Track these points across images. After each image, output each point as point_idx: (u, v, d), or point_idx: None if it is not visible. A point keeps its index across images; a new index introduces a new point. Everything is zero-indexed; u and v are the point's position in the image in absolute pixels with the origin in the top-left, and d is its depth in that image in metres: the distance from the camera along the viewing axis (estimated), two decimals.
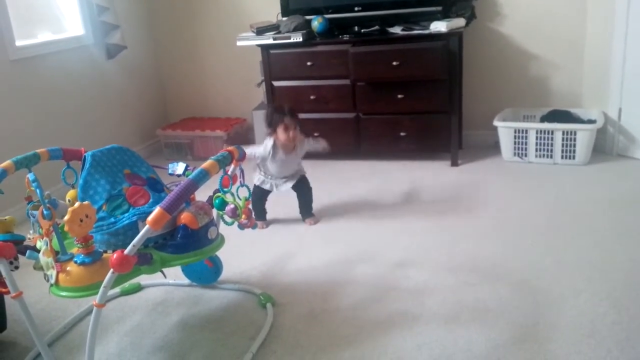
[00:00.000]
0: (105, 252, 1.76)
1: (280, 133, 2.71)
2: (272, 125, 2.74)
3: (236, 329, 2.04)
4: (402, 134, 3.58)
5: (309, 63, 3.60)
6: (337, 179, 3.51)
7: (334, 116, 3.71)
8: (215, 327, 2.07)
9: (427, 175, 3.45)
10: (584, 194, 2.98)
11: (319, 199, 3.06)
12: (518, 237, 2.57)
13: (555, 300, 2.05)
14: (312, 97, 3.68)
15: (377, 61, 3.45)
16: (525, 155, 3.45)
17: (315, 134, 3.71)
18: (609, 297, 2.04)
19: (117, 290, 2.29)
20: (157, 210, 1.57)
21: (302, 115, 3.72)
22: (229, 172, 1.90)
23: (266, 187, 2.87)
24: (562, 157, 3.36)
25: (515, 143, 3.46)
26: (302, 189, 2.91)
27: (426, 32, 3.36)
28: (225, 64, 4.30)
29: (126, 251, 1.58)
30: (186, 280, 2.35)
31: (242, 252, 2.57)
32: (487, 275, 2.28)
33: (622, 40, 3.28)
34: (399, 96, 3.51)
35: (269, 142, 2.76)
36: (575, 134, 3.29)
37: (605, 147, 3.48)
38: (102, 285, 1.59)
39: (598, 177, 3.20)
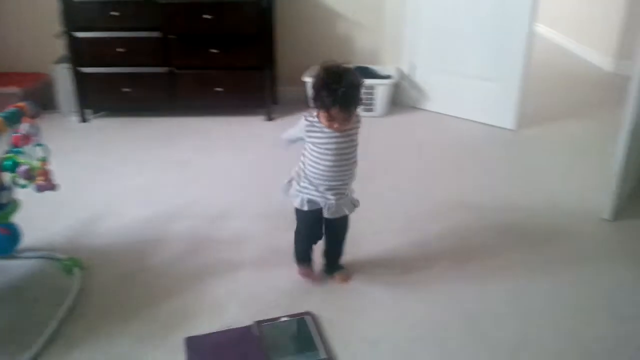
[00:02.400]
0: None
1: (323, 118, 1.76)
2: (315, 104, 1.75)
3: (40, 298, 1.93)
4: (217, 89, 3.58)
5: (115, 13, 3.39)
6: (152, 136, 3.42)
7: (146, 70, 3.56)
8: (16, 298, 1.94)
9: (243, 130, 3.52)
10: (383, 142, 3.30)
11: (132, 156, 2.96)
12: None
13: (357, 237, 2.28)
14: (120, 50, 3.48)
15: (188, 14, 3.38)
16: None
17: (125, 89, 3.56)
18: (395, 227, 2.33)
19: None
20: None
21: (110, 70, 3.56)
22: (21, 131, 1.76)
23: (314, 204, 1.88)
24: (364, 110, 3.66)
25: None
26: (340, 226, 1.99)
27: None
28: (18, 11, 3.84)
29: None
30: None
31: (44, 217, 2.41)
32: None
33: (414, 2, 3.62)
34: (213, 51, 3.49)
35: (306, 121, 1.81)
36: (374, 88, 3.60)
37: (401, 100, 3.87)
38: None
39: (394, 127, 3.56)
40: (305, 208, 1.88)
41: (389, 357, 1.67)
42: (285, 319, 1.80)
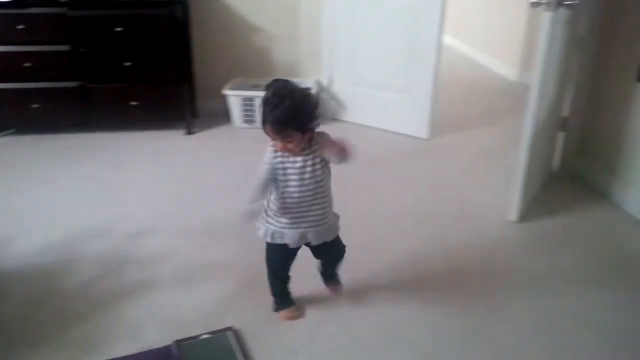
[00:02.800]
0: None
1: (274, 143, 1.68)
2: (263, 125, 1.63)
3: None
4: (133, 103, 3.49)
5: (21, 26, 3.24)
6: (65, 154, 3.29)
7: (56, 85, 3.42)
8: None
9: (162, 144, 3.46)
10: None
11: (43, 175, 2.83)
12: (244, 196, 2.77)
13: None
14: (27, 65, 3.33)
15: (98, 26, 3.30)
16: (254, 122, 3.71)
17: (35, 105, 3.40)
18: None
19: None
20: None
21: (17, 85, 3.39)
22: None
23: (284, 239, 1.74)
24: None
25: (244, 110, 3.68)
26: (329, 251, 1.87)
27: None
28: None
29: None
30: None
31: None
32: (220, 235, 2.42)
33: (328, 15, 3.72)
34: (127, 64, 3.41)
35: (268, 151, 1.72)
36: None
37: (321, 111, 3.93)
38: None
39: None
40: (269, 239, 1.75)
41: None
42: (206, 336, 1.78)
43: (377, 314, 1.92)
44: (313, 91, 3.72)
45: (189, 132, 3.63)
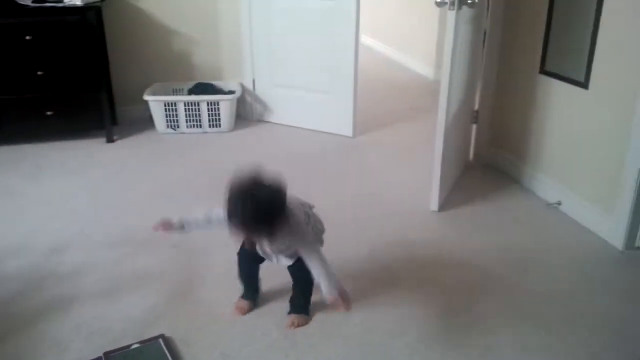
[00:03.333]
0: None
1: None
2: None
3: None
4: (48, 113, 3.36)
5: None
6: None
7: None
8: None
9: (81, 154, 3.34)
10: (230, 157, 3.34)
11: None
12: (174, 203, 2.74)
13: (206, 254, 2.29)
14: None
15: (5, 36, 3.15)
16: (178, 127, 3.65)
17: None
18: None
19: None
20: None
21: None
22: None
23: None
24: (210, 126, 3.68)
25: (167, 115, 3.62)
26: (294, 274, 1.85)
27: (60, 5, 3.20)
28: None
29: None
30: None
31: None
32: (144, 243, 2.37)
33: (247, 18, 3.72)
34: (39, 73, 3.27)
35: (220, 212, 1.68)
36: (218, 104, 3.63)
37: (246, 114, 3.94)
38: None
39: (241, 141, 3.62)
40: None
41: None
42: (137, 345, 1.75)
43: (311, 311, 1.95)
44: (235, 93, 3.72)
45: (110, 140, 3.53)
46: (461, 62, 2.62)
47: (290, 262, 1.80)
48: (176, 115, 3.62)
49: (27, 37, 3.16)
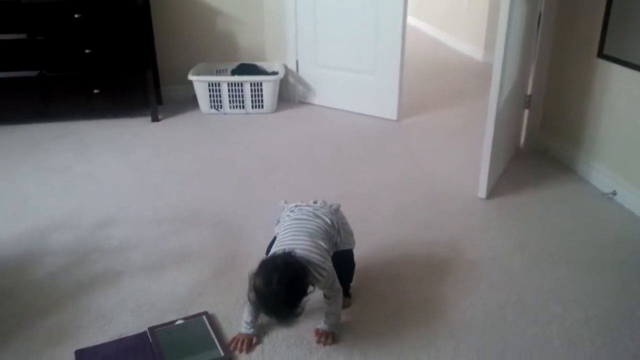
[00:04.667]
0: None
1: None
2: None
3: None
4: (95, 91, 3.41)
5: None
6: (25, 144, 3.19)
7: (13, 75, 3.31)
8: None
9: (127, 132, 3.38)
10: (272, 138, 3.33)
11: (1, 167, 2.74)
12: (217, 183, 2.75)
13: (249, 233, 2.29)
14: None
15: (56, 13, 3.20)
16: (221, 107, 3.66)
17: None
18: None
19: None
20: None
21: None
22: None
23: None
24: (252, 107, 3.66)
25: (210, 96, 3.62)
26: (341, 259, 1.83)
27: None
28: None
29: None
30: None
31: None
32: (190, 221, 2.39)
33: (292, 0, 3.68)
34: (87, 51, 3.32)
35: None
36: (261, 85, 3.61)
37: (289, 95, 3.91)
38: None
39: (284, 122, 3.59)
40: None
41: (282, 344, 1.69)
42: (180, 321, 1.76)
43: (363, 290, 1.92)
44: (278, 74, 3.68)
45: (155, 119, 3.56)
46: (515, 44, 2.51)
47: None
48: (219, 95, 3.62)
49: (76, 15, 3.20)
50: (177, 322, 1.75)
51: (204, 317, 1.77)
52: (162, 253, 2.16)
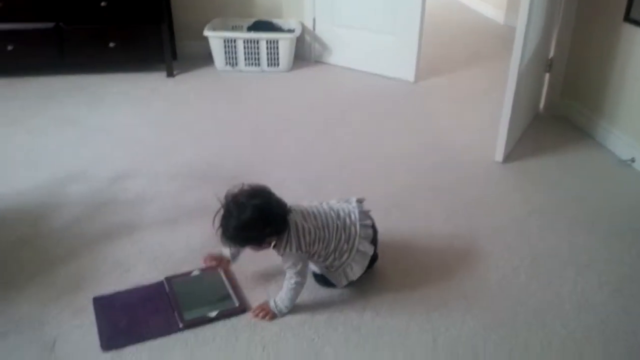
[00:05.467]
0: None
1: None
2: None
3: None
4: (111, 44, 3.38)
5: None
6: (40, 96, 3.19)
7: (29, 26, 3.30)
8: None
9: (142, 86, 3.37)
10: (288, 97, 3.30)
11: (18, 117, 2.75)
12: (232, 139, 2.75)
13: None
14: None
15: None
16: (236, 64, 3.62)
17: (8, 47, 3.28)
18: (304, 181, 2.36)
19: None
20: None
21: None
22: None
23: None
24: (268, 65, 3.62)
25: (226, 52, 3.58)
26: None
27: None
28: None
29: None
30: None
31: None
32: (204, 177, 2.40)
33: None
34: (103, 4, 3.27)
35: None
36: (277, 42, 3.55)
37: (304, 54, 3.86)
38: None
39: (299, 81, 3.55)
40: None
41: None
42: (197, 272, 1.78)
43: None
44: (295, 32, 3.62)
45: (170, 74, 3.53)
46: (539, 6, 2.44)
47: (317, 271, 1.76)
48: (235, 52, 3.57)
49: None
50: (194, 273, 1.78)
51: (220, 269, 1.80)
52: (177, 207, 2.17)
